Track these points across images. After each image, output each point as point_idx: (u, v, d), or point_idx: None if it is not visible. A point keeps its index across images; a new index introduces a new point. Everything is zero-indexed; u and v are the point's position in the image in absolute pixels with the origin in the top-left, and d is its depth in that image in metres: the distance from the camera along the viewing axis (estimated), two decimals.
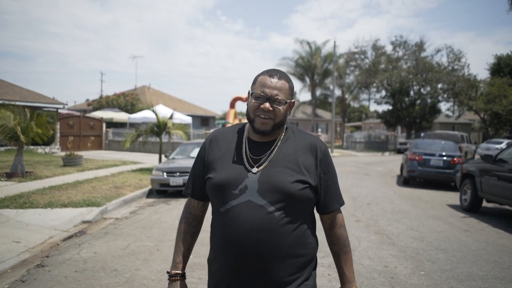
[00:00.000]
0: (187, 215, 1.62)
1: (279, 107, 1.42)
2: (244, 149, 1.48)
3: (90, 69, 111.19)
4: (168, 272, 1.58)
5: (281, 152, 1.45)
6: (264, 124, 1.42)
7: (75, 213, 6.76)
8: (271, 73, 1.45)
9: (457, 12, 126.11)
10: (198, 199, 1.59)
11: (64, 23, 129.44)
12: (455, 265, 4.42)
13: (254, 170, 1.41)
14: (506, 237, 5.80)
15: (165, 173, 8.96)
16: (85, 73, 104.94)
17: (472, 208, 7.58)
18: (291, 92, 1.48)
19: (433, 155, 10.99)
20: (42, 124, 10.76)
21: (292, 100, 1.51)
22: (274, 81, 1.42)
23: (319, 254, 1.87)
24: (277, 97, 1.41)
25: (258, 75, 1.48)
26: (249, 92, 1.49)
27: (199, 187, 1.56)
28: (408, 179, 11.50)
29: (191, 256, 1.71)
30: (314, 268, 1.52)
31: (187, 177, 8.21)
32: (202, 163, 1.54)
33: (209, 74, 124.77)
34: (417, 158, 10.99)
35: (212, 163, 1.49)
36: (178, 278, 1.56)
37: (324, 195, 1.50)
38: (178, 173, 8.92)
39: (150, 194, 9.31)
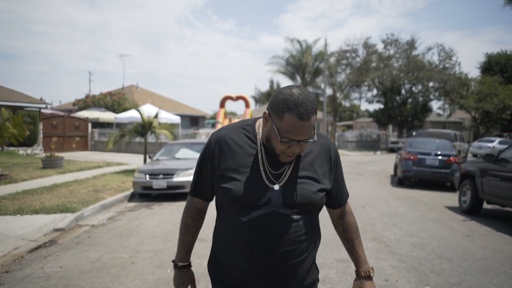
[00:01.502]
0: (191, 210, 1.62)
1: (307, 143, 1.35)
2: (261, 162, 1.42)
3: (79, 69, 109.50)
4: (173, 261, 1.69)
5: (300, 162, 1.44)
6: (290, 158, 1.39)
7: (47, 220, 6.23)
8: (301, 114, 1.27)
9: (446, 12, 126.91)
10: (203, 200, 1.59)
11: (52, 23, 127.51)
12: (463, 278, 3.99)
13: (276, 187, 1.39)
14: None
15: (147, 176, 8.43)
16: (73, 73, 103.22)
17: (472, 210, 7.18)
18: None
19: (428, 154, 10.60)
20: (18, 124, 10.16)
21: None
22: (306, 125, 1.29)
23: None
24: (307, 139, 1.33)
25: (284, 111, 1.28)
26: (268, 115, 1.36)
27: (206, 191, 1.54)
28: (403, 179, 11.11)
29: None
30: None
31: (171, 180, 7.68)
32: (210, 169, 1.47)
33: (199, 74, 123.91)
34: (412, 157, 10.59)
35: (227, 172, 1.43)
36: (187, 268, 1.67)
37: (336, 193, 1.56)
38: (161, 175, 8.39)
39: (132, 197, 8.78)
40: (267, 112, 1.36)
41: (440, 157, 10.47)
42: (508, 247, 5.16)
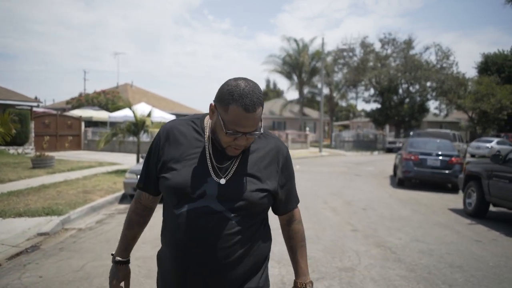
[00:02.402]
0: (137, 205, 1.58)
1: (254, 137, 1.33)
2: (208, 155, 1.37)
3: (75, 68, 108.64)
4: (112, 255, 1.63)
5: (245, 160, 1.39)
6: (237, 152, 1.35)
7: (31, 224, 5.85)
8: (246, 105, 1.24)
9: (442, 12, 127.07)
10: (150, 194, 1.54)
11: (48, 22, 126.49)
12: None
13: (222, 181, 1.34)
14: None
15: (139, 176, 8.06)
16: (69, 72, 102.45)
17: (478, 213, 6.89)
18: (263, 103, 1.32)
19: (429, 154, 10.30)
20: (5, 123, 9.72)
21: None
22: (251, 116, 1.25)
23: None
24: (253, 132, 1.29)
25: (229, 102, 1.25)
26: (214, 107, 1.32)
27: (153, 183, 1.48)
28: (403, 180, 10.81)
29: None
30: (267, 265, 1.51)
31: None
32: (156, 157, 1.43)
33: (196, 74, 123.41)
34: (413, 158, 10.29)
35: (169, 162, 1.38)
36: (123, 264, 1.60)
37: (283, 198, 1.49)
38: None
39: (123, 199, 8.41)
40: (213, 104, 1.32)
41: (441, 158, 10.18)
42: None
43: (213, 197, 1.32)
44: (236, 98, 1.23)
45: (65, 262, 4.37)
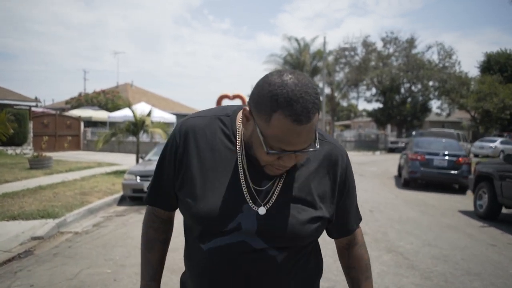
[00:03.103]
0: (152, 218, 1.20)
1: (305, 154, 0.95)
2: (241, 172, 1.01)
3: (75, 68, 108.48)
4: None
5: (292, 178, 1.01)
6: (279, 171, 0.98)
7: (25, 227, 5.61)
8: (298, 114, 0.85)
9: (442, 12, 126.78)
10: (165, 210, 1.18)
11: (47, 21, 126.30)
12: None
13: (262, 210, 0.98)
14: None
15: (138, 177, 7.83)
16: (69, 72, 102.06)
17: (489, 215, 6.64)
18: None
19: (436, 154, 10.05)
20: (1, 122, 9.50)
21: None
22: (304, 129, 0.86)
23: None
24: (305, 149, 0.92)
25: (272, 110, 0.86)
26: (249, 114, 0.94)
27: (167, 198, 1.12)
28: (409, 181, 10.55)
29: None
30: None
31: None
32: (172, 168, 1.07)
33: (196, 73, 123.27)
34: (419, 158, 10.03)
35: (189, 178, 1.03)
36: None
37: (340, 219, 1.12)
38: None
39: (122, 201, 8.17)
40: (247, 108, 0.95)
41: (448, 158, 9.93)
42: None
43: (251, 232, 1.00)
44: (283, 104, 0.85)
45: (58, 269, 4.13)
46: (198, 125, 1.07)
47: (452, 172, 9.82)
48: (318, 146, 0.94)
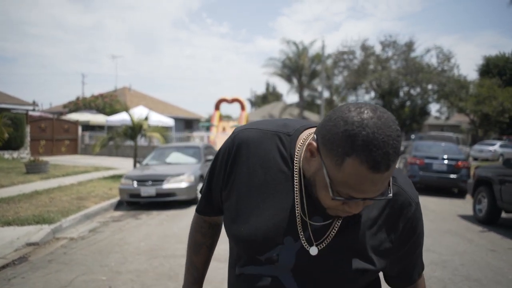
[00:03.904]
0: (200, 223, 1.20)
1: (372, 201, 0.83)
2: (297, 202, 0.90)
3: (72, 71, 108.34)
4: None
5: (348, 221, 0.91)
6: (342, 213, 0.87)
7: (20, 233, 5.55)
8: (377, 161, 0.73)
9: (441, 15, 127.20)
10: (214, 216, 1.17)
11: (45, 24, 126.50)
12: None
13: (313, 250, 0.89)
14: None
15: (135, 182, 7.77)
16: (67, 75, 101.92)
17: (489, 220, 6.59)
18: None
19: (435, 158, 10.01)
20: None
21: None
22: (381, 178, 0.76)
23: None
24: (380, 195, 0.82)
25: (348, 152, 0.75)
26: (316, 151, 0.82)
27: (216, 208, 1.09)
28: None
29: None
30: None
31: (161, 186, 7.04)
32: (221, 180, 1.02)
33: (194, 77, 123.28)
34: (418, 162, 10.00)
35: (238, 193, 0.97)
36: None
37: (400, 271, 1.01)
38: (150, 182, 7.73)
39: (119, 205, 8.11)
40: (315, 144, 0.83)
41: (447, 162, 9.89)
42: None
43: (286, 267, 0.92)
44: (360, 148, 0.74)
45: (53, 276, 4.07)
46: (253, 139, 0.99)
47: (451, 176, 9.78)
48: (391, 195, 0.84)
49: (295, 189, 0.92)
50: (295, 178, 0.93)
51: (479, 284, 3.88)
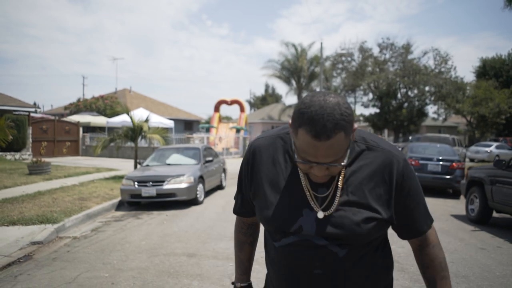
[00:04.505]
0: (241, 224, 1.48)
1: (336, 167, 1.07)
2: (302, 181, 1.18)
3: (72, 73, 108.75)
4: (232, 283, 1.52)
5: (346, 185, 1.16)
6: (320, 179, 1.13)
7: (24, 232, 5.72)
8: (317, 131, 0.98)
9: (439, 18, 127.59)
10: (249, 217, 1.43)
11: (45, 26, 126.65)
12: None
13: (320, 214, 1.13)
14: None
15: (136, 183, 7.94)
16: (67, 77, 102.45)
17: (481, 220, 6.76)
18: (351, 127, 1.03)
19: (430, 159, 10.18)
20: (1, 129, 9.62)
21: (354, 127, 1.06)
22: (323, 145, 0.99)
23: None
24: (331, 163, 1.04)
25: (298, 123, 1.02)
26: (291, 126, 1.08)
27: (250, 207, 1.37)
28: None
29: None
30: None
31: (161, 187, 7.21)
32: (247, 181, 1.31)
33: (194, 78, 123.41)
34: (413, 163, 10.16)
35: (259, 189, 1.25)
36: None
37: (405, 222, 1.22)
38: (151, 183, 7.90)
39: (120, 206, 8.28)
40: (290, 121, 1.11)
41: (442, 163, 10.07)
42: None
43: (311, 233, 1.15)
44: (306, 122, 0.99)
45: (57, 273, 4.24)
46: (262, 145, 1.28)
47: (446, 177, 9.95)
48: (344, 163, 1.05)
49: (299, 172, 1.18)
50: (298, 167, 1.18)
51: (466, 280, 4.05)
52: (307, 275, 1.16)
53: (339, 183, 1.14)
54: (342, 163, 1.05)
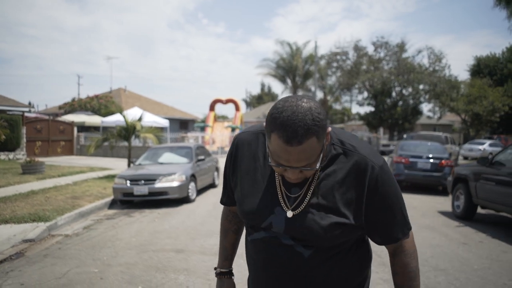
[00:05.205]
0: (227, 212, 1.53)
1: (309, 171, 1.09)
2: (277, 180, 1.21)
3: (69, 73, 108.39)
4: (215, 269, 1.55)
5: (318, 187, 1.17)
6: (294, 180, 1.13)
7: (16, 230, 5.81)
8: (288, 137, 1.00)
9: (435, 16, 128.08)
10: (234, 205, 1.44)
11: (42, 26, 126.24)
12: None
13: (289, 213, 1.17)
14: (510, 250, 5.10)
15: (128, 181, 8.03)
16: (63, 77, 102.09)
17: (466, 216, 6.91)
18: (324, 131, 1.04)
19: (420, 157, 10.33)
20: None
21: (328, 130, 1.09)
22: (295, 150, 1.01)
23: None
24: (303, 167, 1.06)
25: (271, 128, 1.04)
26: (265, 131, 1.10)
27: (233, 198, 1.39)
28: None
29: None
30: None
31: (153, 185, 7.33)
32: (230, 172, 1.36)
33: (191, 78, 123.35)
34: (403, 160, 10.31)
35: (238, 182, 1.30)
36: (226, 276, 1.52)
37: (378, 228, 1.20)
38: (143, 181, 8.00)
39: (113, 204, 8.37)
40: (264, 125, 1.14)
41: (432, 160, 10.21)
42: (505, 255, 4.87)
43: (280, 231, 1.18)
44: (278, 127, 1.01)
45: (48, 269, 4.34)
46: (245, 139, 1.32)
47: (435, 174, 10.10)
48: (317, 167, 1.07)
49: (276, 174, 1.22)
50: None
51: (445, 273, 4.18)
52: (273, 272, 1.21)
53: (312, 185, 1.16)
54: (316, 167, 1.07)
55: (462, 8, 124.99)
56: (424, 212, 7.66)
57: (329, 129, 1.10)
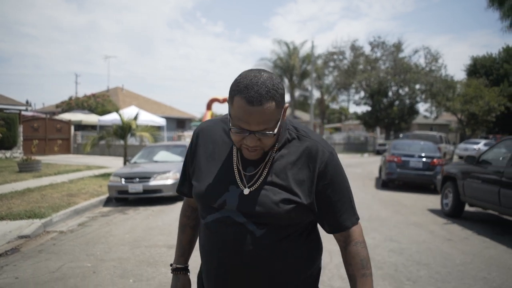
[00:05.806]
0: (185, 207, 1.54)
1: (268, 138, 1.16)
2: (234, 160, 1.27)
3: (67, 72, 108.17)
4: (171, 265, 1.54)
5: (272, 167, 1.23)
6: (252, 154, 1.20)
7: (12, 227, 5.91)
8: (250, 96, 1.09)
9: (434, 16, 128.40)
10: (190, 196, 1.44)
11: (41, 25, 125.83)
12: (440, 285, 3.81)
13: (246, 191, 1.21)
14: (493, 246, 5.24)
15: (123, 179, 8.15)
16: (61, 76, 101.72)
17: (454, 213, 7.05)
18: (282, 100, 1.15)
19: (412, 156, 10.47)
20: None
21: (286, 106, 1.19)
22: (256, 110, 1.09)
23: None
24: (262, 131, 1.13)
25: (235, 92, 1.12)
26: (227, 101, 1.17)
27: (190, 187, 1.39)
28: (387, 182, 10.97)
29: None
30: (314, 285, 1.35)
31: (147, 183, 7.44)
32: (190, 161, 1.39)
33: (189, 77, 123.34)
34: (396, 159, 10.45)
35: (197, 166, 1.34)
36: (181, 272, 1.51)
37: (327, 214, 1.25)
38: (137, 179, 8.11)
39: (108, 202, 8.48)
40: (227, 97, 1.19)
41: (424, 159, 10.35)
42: (488, 251, 5.01)
43: (233, 208, 1.21)
44: (242, 89, 1.10)
45: (42, 264, 4.45)
46: (206, 127, 1.38)
47: (427, 173, 10.24)
48: (274, 132, 1.14)
49: (233, 151, 1.28)
50: (232, 146, 1.29)
51: (427, 267, 4.31)
52: (226, 254, 1.21)
53: (267, 165, 1.23)
54: (274, 131, 1.14)
55: (461, 8, 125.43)
56: (414, 210, 7.79)
57: (287, 105, 1.19)
